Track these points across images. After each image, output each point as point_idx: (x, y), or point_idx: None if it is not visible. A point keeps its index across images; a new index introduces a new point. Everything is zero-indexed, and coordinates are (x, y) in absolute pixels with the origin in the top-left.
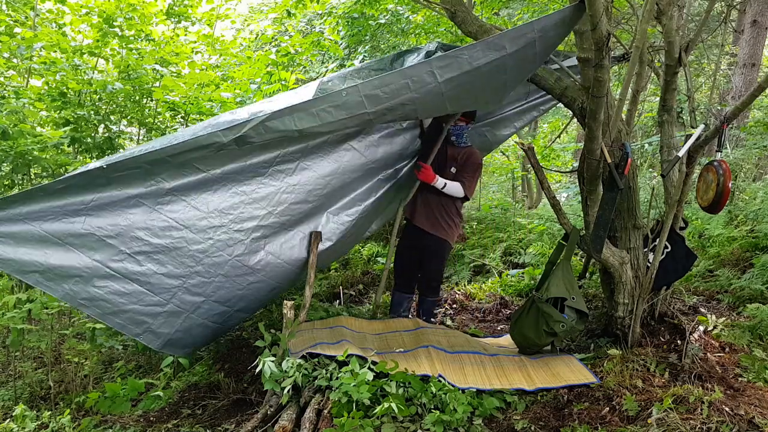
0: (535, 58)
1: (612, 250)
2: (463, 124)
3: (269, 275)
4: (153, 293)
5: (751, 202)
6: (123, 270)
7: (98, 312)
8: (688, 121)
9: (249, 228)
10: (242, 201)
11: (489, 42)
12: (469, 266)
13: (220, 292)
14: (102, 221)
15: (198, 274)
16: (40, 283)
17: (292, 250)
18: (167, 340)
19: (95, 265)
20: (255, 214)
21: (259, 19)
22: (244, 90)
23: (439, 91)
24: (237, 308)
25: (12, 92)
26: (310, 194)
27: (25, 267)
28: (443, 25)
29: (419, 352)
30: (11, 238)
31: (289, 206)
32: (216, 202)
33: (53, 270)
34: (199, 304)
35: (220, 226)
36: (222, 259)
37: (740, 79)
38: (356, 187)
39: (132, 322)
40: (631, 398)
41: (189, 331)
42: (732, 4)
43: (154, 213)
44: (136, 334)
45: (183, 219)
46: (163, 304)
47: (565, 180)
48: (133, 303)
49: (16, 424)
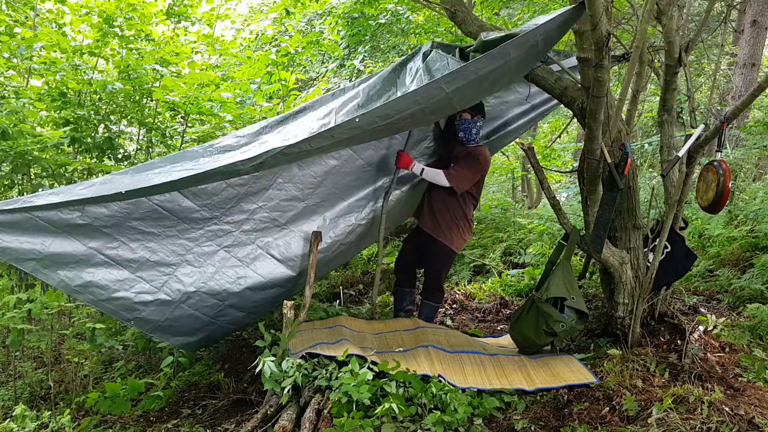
0: (537, 56)
1: (612, 250)
2: (469, 117)
3: (258, 270)
4: (144, 281)
5: (751, 202)
6: (117, 257)
7: (91, 298)
8: (688, 121)
9: (239, 221)
10: (235, 195)
11: (494, 53)
12: (469, 266)
13: (210, 283)
14: (99, 211)
15: (188, 262)
16: (36, 271)
17: (286, 247)
18: (157, 326)
19: (90, 252)
20: (246, 208)
21: (259, 19)
22: (244, 90)
23: (447, 97)
24: (228, 303)
25: (12, 92)
26: (302, 192)
27: (24, 255)
28: (443, 25)
29: (419, 351)
30: (10, 227)
31: (280, 202)
32: (210, 196)
33: (50, 257)
34: (189, 294)
35: (212, 218)
36: (211, 249)
37: (740, 79)
38: (354, 192)
39: (123, 308)
40: (631, 398)
41: (180, 321)
42: (732, 4)
43: (149, 203)
44: (127, 319)
45: (177, 210)
46: (153, 291)
47: (565, 180)
48: (125, 290)
49: (16, 424)
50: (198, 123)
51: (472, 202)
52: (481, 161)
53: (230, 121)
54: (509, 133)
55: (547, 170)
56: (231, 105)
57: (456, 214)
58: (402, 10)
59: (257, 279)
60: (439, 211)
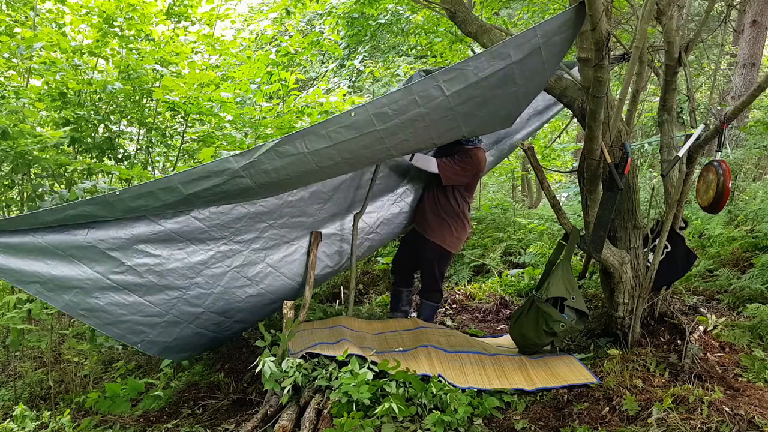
0: (543, 67)
1: (612, 250)
2: None
3: (268, 288)
4: (153, 305)
5: (751, 202)
6: (123, 282)
7: (97, 322)
8: (688, 121)
9: (249, 239)
10: (245, 215)
11: (493, 51)
12: (469, 266)
13: (219, 303)
14: (105, 234)
15: (197, 285)
16: (40, 293)
17: (293, 264)
18: (164, 347)
19: (96, 277)
20: (256, 226)
21: (259, 19)
22: (244, 90)
23: (448, 105)
24: (235, 319)
25: (12, 92)
26: (310, 208)
27: (27, 277)
28: (443, 25)
29: (419, 351)
30: (13, 249)
31: (289, 219)
32: (219, 216)
33: (54, 281)
34: (197, 315)
35: (221, 239)
36: (221, 270)
37: (740, 79)
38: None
39: (131, 332)
40: (631, 398)
41: (186, 339)
42: (732, 4)
43: (157, 226)
44: (134, 342)
45: (185, 232)
46: (162, 314)
47: (565, 180)
48: (132, 314)
49: (16, 424)
50: (198, 123)
51: (466, 201)
52: (474, 161)
53: (230, 121)
54: (515, 140)
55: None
56: (231, 105)
57: (447, 212)
58: (402, 10)
59: (267, 297)
60: (431, 209)
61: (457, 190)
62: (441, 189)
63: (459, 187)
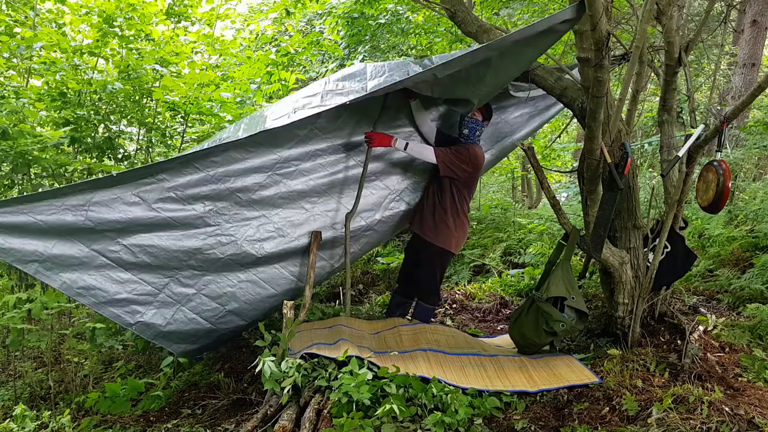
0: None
1: (612, 250)
2: (479, 119)
3: (260, 275)
4: (146, 282)
5: (751, 202)
6: (118, 260)
7: (93, 301)
8: (688, 121)
9: (243, 228)
10: (238, 203)
11: (490, 45)
12: (469, 266)
13: (211, 286)
14: (102, 216)
15: (190, 267)
16: (39, 273)
17: (286, 254)
18: (159, 333)
19: (93, 254)
20: (249, 215)
21: (259, 19)
22: (244, 90)
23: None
24: (229, 308)
25: (12, 92)
26: (306, 201)
27: (26, 257)
28: (443, 25)
29: (417, 354)
30: (13, 229)
31: (284, 210)
32: (213, 203)
33: (53, 259)
34: (190, 296)
35: (215, 225)
36: (214, 257)
37: (740, 79)
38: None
39: (125, 312)
40: (631, 398)
41: (180, 326)
42: (732, 4)
43: (152, 211)
44: (129, 324)
45: (180, 217)
46: (155, 293)
47: (565, 180)
48: (126, 292)
49: (16, 424)
50: (198, 123)
51: (465, 200)
52: (471, 155)
53: (230, 121)
54: (515, 139)
55: (547, 170)
56: (231, 105)
57: (447, 212)
58: (402, 10)
59: (260, 286)
60: (431, 209)
61: (457, 189)
62: (441, 188)
63: (459, 186)
